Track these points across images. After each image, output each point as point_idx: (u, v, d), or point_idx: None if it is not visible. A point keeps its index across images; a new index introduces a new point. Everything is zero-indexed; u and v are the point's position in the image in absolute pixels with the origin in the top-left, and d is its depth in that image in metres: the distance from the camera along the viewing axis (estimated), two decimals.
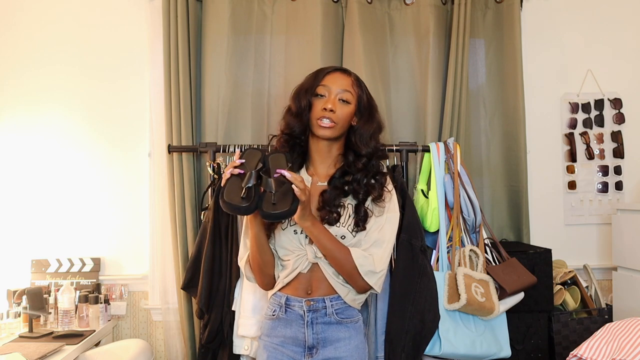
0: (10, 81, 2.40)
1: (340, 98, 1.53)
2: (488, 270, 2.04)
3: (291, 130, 1.57)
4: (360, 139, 1.56)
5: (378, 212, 1.55)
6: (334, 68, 1.60)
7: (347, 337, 1.53)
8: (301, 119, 1.55)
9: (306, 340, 1.51)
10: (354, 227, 1.51)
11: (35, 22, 2.41)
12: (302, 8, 2.37)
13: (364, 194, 1.54)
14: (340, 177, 1.55)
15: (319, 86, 1.55)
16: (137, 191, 2.42)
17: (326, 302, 1.51)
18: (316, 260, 1.51)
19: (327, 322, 1.51)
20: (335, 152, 1.59)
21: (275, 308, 1.55)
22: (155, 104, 2.35)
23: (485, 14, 2.54)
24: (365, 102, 1.58)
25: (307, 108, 1.54)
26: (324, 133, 1.53)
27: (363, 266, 1.47)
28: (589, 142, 2.62)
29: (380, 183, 1.57)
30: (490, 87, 2.54)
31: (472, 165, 2.47)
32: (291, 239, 1.52)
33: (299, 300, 1.51)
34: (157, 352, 2.43)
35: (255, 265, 1.54)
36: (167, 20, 2.27)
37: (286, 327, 1.52)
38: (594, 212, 2.64)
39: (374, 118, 1.59)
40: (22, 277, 2.33)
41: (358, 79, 1.60)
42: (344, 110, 1.53)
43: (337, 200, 1.52)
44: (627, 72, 2.66)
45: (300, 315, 1.51)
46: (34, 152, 2.40)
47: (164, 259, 2.32)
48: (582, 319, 2.29)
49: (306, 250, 1.51)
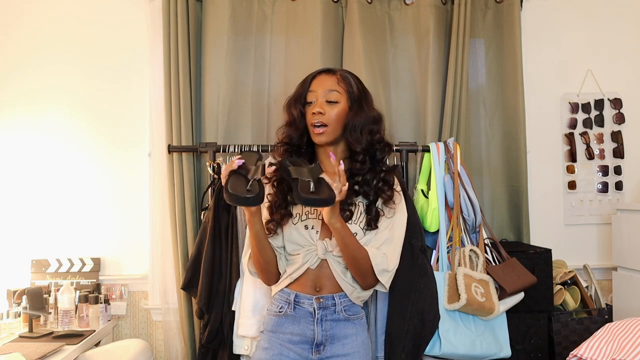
0: (11, 81, 2.40)
1: (326, 100, 1.53)
2: (488, 270, 2.04)
3: (290, 140, 1.59)
4: (351, 134, 1.54)
5: (389, 212, 1.56)
6: (318, 71, 1.60)
7: (354, 333, 1.54)
8: (297, 128, 1.57)
9: (315, 337, 1.51)
10: (366, 226, 1.53)
11: (36, 22, 2.41)
12: (302, 8, 2.37)
13: (374, 196, 1.55)
14: (350, 178, 1.55)
15: (307, 93, 1.56)
16: (137, 191, 2.42)
17: (336, 300, 1.53)
18: (326, 257, 1.51)
19: (335, 319, 1.52)
20: (341, 155, 1.59)
21: (283, 305, 1.54)
22: (155, 104, 2.35)
23: (485, 14, 2.54)
24: (356, 96, 1.56)
25: (299, 117, 1.56)
26: (319, 140, 1.55)
27: (379, 265, 1.49)
28: (589, 142, 2.62)
29: (388, 184, 1.57)
30: (490, 87, 2.54)
31: (472, 165, 2.47)
32: (302, 234, 1.53)
33: (308, 297, 1.52)
34: (157, 352, 2.43)
35: (257, 264, 1.55)
36: (167, 20, 2.27)
37: (294, 323, 1.52)
38: (594, 212, 2.64)
39: (363, 110, 1.56)
40: (22, 277, 2.33)
41: (344, 75, 1.58)
42: (334, 111, 1.53)
43: (349, 198, 1.53)
44: (627, 72, 2.66)
45: (310, 312, 1.52)
46: (34, 152, 2.40)
47: (164, 259, 2.32)
48: (582, 319, 2.28)
49: (317, 246, 1.51)
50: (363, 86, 1.62)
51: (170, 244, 2.28)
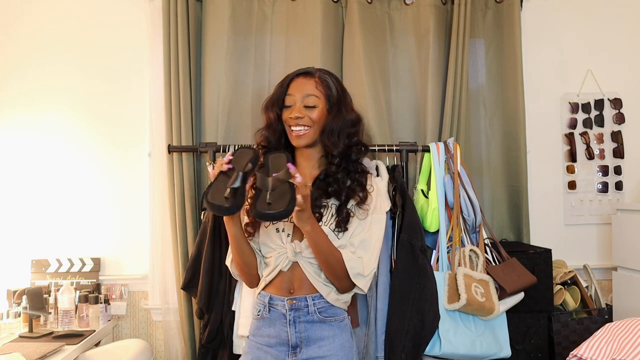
0: (11, 81, 2.40)
1: (305, 105, 1.52)
2: (488, 270, 2.04)
3: (267, 142, 1.59)
4: (329, 137, 1.53)
5: (361, 214, 1.53)
6: (296, 73, 1.58)
7: (331, 335, 1.51)
8: (274, 131, 1.57)
9: (289, 339, 1.50)
10: (335, 227, 1.50)
11: (36, 22, 2.41)
12: (302, 8, 2.37)
13: (345, 196, 1.52)
14: (324, 179, 1.54)
15: (286, 96, 1.55)
16: (137, 191, 2.42)
17: (308, 301, 1.50)
18: (296, 259, 1.49)
19: (309, 320, 1.50)
20: (317, 155, 1.58)
21: (260, 307, 1.55)
22: (155, 104, 2.35)
23: (485, 14, 2.54)
24: (335, 99, 1.55)
25: (276, 120, 1.56)
26: (298, 143, 1.54)
27: (353, 269, 1.47)
28: (589, 142, 2.62)
29: (360, 184, 1.55)
30: (490, 87, 2.54)
31: (472, 165, 2.47)
32: (273, 237, 1.52)
33: (281, 299, 1.51)
34: (157, 352, 2.43)
35: (238, 266, 1.55)
36: (167, 20, 2.27)
37: (270, 326, 1.52)
38: (594, 212, 2.64)
39: (341, 113, 1.54)
40: (22, 277, 2.33)
41: (323, 78, 1.56)
42: (314, 114, 1.52)
43: (319, 200, 1.51)
44: (627, 72, 2.66)
45: (283, 314, 1.50)
46: (34, 152, 2.40)
47: (164, 259, 2.32)
48: (582, 319, 2.28)
49: (286, 248, 1.50)
50: (342, 87, 1.60)
51: (170, 244, 2.28)
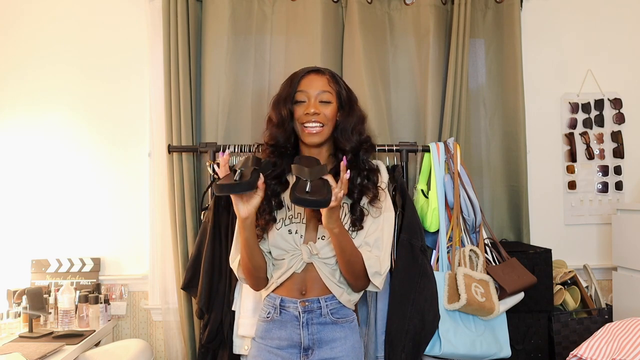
0: (11, 81, 2.40)
1: (320, 100, 1.53)
2: (488, 270, 2.04)
3: (276, 141, 1.57)
4: (342, 134, 1.55)
5: (375, 212, 1.54)
6: (307, 70, 1.58)
7: (343, 337, 1.52)
8: (284, 129, 1.55)
9: (302, 341, 1.49)
10: (351, 226, 1.51)
11: (36, 22, 2.41)
12: (302, 8, 2.37)
13: (358, 194, 1.53)
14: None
15: (296, 92, 1.54)
16: (137, 191, 2.42)
17: (321, 302, 1.50)
18: (311, 260, 1.50)
19: (322, 322, 1.50)
20: (326, 154, 1.59)
21: (270, 310, 1.53)
22: (155, 104, 2.35)
23: (485, 14, 2.54)
24: (345, 96, 1.57)
25: (288, 117, 1.54)
26: (312, 140, 1.53)
27: (371, 267, 1.47)
28: (589, 142, 2.62)
29: (373, 182, 1.56)
30: (490, 87, 2.54)
31: (472, 165, 2.47)
32: (286, 239, 1.51)
33: (293, 301, 1.50)
34: (157, 352, 2.43)
35: (246, 269, 1.53)
36: (167, 20, 2.27)
37: (281, 329, 1.51)
38: (594, 212, 2.64)
39: (354, 110, 1.58)
40: (22, 277, 2.33)
41: (333, 75, 1.59)
42: (328, 110, 1.53)
43: None
44: (627, 72, 2.66)
45: (295, 316, 1.50)
46: (34, 152, 2.40)
47: (164, 259, 2.32)
48: (582, 319, 2.28)
49: (301, 250, 1.50)
50: (348, 87, 1.62)
51: (170, 244, 2.28)
